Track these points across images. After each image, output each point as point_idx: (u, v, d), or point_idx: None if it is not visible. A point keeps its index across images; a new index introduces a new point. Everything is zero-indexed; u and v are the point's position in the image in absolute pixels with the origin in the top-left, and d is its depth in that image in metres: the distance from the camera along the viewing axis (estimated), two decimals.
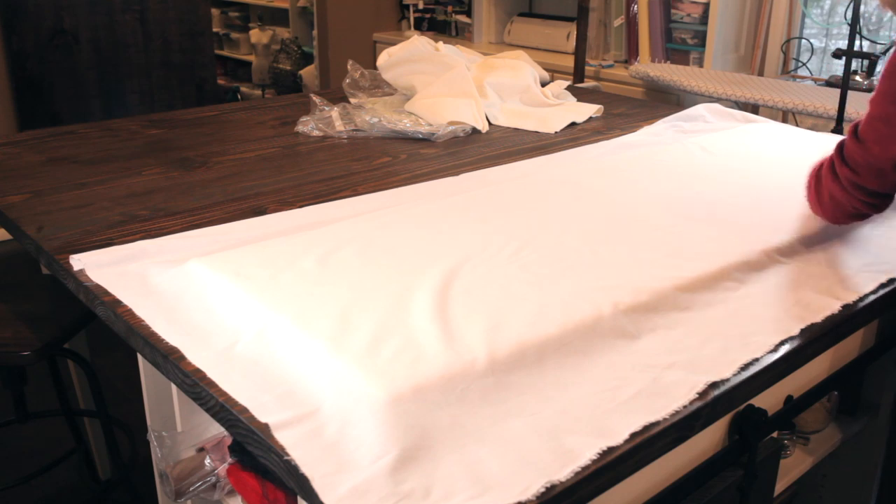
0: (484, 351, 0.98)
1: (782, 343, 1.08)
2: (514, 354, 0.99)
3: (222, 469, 1.14)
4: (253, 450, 0.89)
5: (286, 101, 2.44)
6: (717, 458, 1.09)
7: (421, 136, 1.99)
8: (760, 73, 3.43)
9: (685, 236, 1.35)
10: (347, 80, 2.27)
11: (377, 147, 1.93)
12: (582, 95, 2.44)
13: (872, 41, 3.23)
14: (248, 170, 1.73)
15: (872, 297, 1.23)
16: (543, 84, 2.40)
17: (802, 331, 1.12)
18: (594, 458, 0.84)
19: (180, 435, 1.21)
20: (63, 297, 1.61)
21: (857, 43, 2.93)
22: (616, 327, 1.07)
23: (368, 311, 1.07)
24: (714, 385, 0.98)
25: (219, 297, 1.13)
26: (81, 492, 2.14)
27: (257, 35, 5.64)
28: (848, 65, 2.54)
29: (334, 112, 2.05)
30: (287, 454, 0.83)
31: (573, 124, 2.16)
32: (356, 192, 1.59)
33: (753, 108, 2.95)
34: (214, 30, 5.33)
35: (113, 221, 1.43)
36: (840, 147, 1.27)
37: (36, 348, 1.53)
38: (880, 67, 3.17)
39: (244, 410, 0.90)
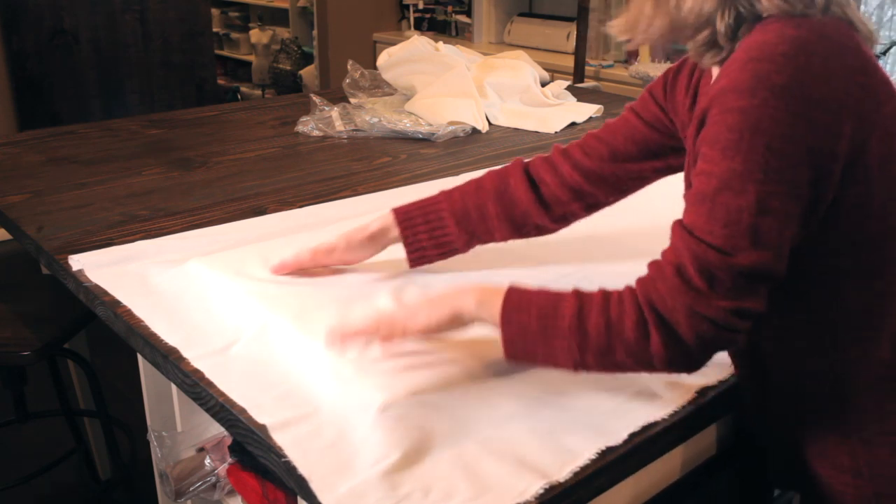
0: (482, 352, 0.98)
1: None
2: None
3: (222, 469, 1.14)
4: (253, 450, 0.89)
5: (286, 101, 2.44)
6: (717, 458, 1.09)
7: (421, 136, 1.99)
8: None
9: None
10: (347, 80, 2.27)
11: (377, 147, 1.93)
12: (582, 95, 2.44)
13: None
14: (248, 170, 1.73)
15: None
16: (543, 84, 2.40)
17: None
18: (593, 457, 0.85)
19: (180, 435, 1.21)
20: (63, 297, 1.61)
21: None
22: None
23: (367, 311, 1.07)
24: (713, 385, 0.98)
25: (218, 297, 1.13)
26: (81, 492, 2.14)
27: (257, 35, 5.64)
28: None
29: (334, 112, 2.05)
30: (285, 455, 0.83)
31: (573, 124, 2.16)
32: (356, 192, 1.59)
33: None
34: (214, 30, 5.32)
35: (113, 221, 1.43)
36: (707, 272, 0.79)
37: (36, 348, 1.53)
38: None
39: (243, 410, 0.90)
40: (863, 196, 0.82)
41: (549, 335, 0.85)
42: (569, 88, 2.47)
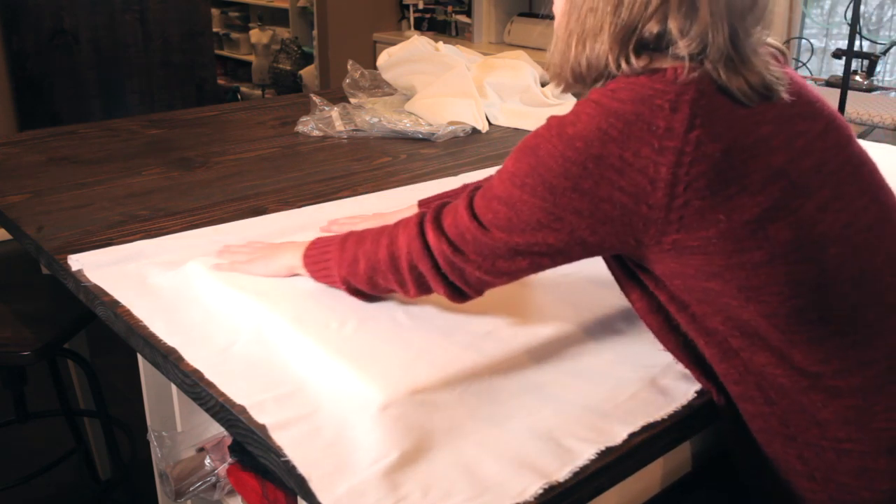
0: (481, 352, 0.98)
1: None
2: (511, 356, 0.99)
3: (222, 469, 1.14)
4: (253, 450, 0.89)
5: (286, 101, 2.44)
6: (717, 458, 1.09)
7: (421, 136, 1.99)
8: None
9: None
10: (347, 80, 2.27)
11: (377, 147, 1.93)
12: (582, 95, 2.44)
13: (872, 41, 3.23)
14: (248, 170, 1.73)
15: None
16: (543, 84, 2.40)
17: None
18: (593, 458, 0.85)
19: (180, 435, 1.21)
20: (63, 297, 1.61)
21: (857, 43, 2.93)
22: (614, 328, 1.07)
23: (366, 311, 1.07)
24: None
25: (217, 297, 1.13)
26: (81, 492, 2.14)
27: (257, 35, 5.64)
28: (848, 65, 2.54)
29: (334, 112, 2.05)
30: (285, 454, 0.83)
31: None
32: (356, 192, 1.59)
33: None
34: (214, 30, 5.32)
35: (113, 221, 1.43)
36: (438, 216, 0.97)
37: (36, 348, 1.53)
38: (880, 68, 3.17)
39: (243, 410, 0.90)
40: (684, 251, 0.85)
41: (328, 248, 1.08)
42: None
